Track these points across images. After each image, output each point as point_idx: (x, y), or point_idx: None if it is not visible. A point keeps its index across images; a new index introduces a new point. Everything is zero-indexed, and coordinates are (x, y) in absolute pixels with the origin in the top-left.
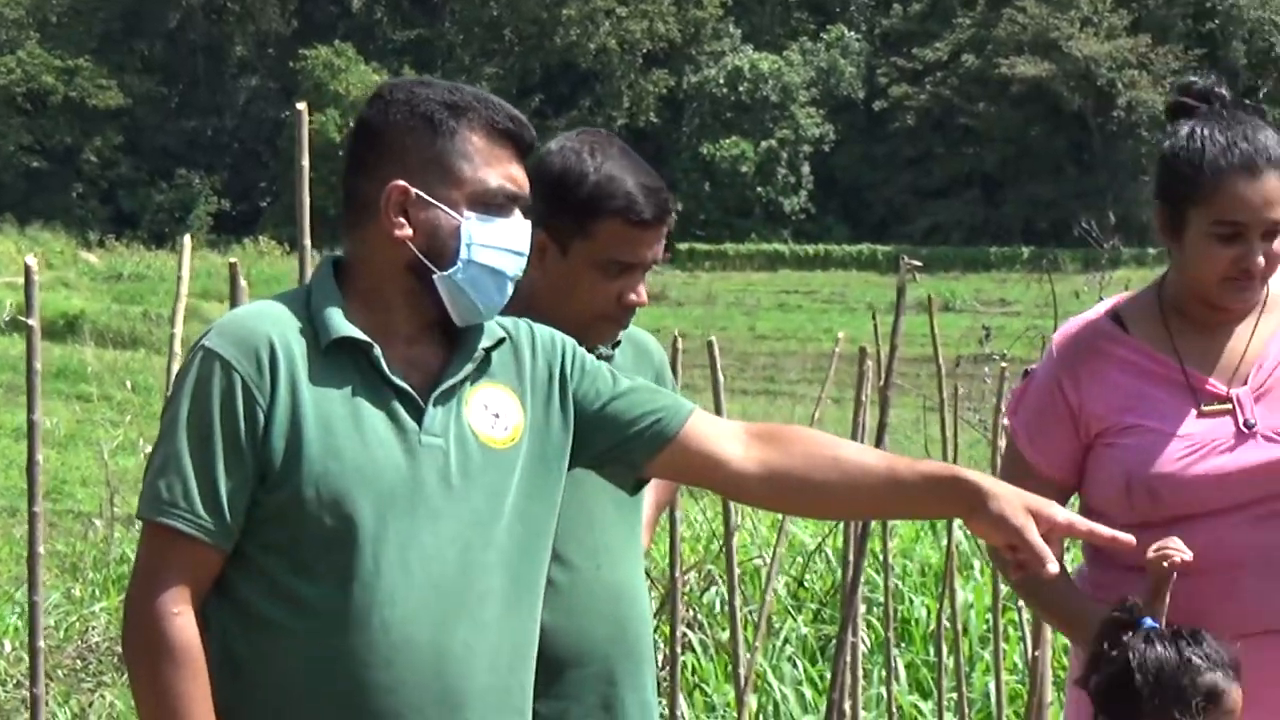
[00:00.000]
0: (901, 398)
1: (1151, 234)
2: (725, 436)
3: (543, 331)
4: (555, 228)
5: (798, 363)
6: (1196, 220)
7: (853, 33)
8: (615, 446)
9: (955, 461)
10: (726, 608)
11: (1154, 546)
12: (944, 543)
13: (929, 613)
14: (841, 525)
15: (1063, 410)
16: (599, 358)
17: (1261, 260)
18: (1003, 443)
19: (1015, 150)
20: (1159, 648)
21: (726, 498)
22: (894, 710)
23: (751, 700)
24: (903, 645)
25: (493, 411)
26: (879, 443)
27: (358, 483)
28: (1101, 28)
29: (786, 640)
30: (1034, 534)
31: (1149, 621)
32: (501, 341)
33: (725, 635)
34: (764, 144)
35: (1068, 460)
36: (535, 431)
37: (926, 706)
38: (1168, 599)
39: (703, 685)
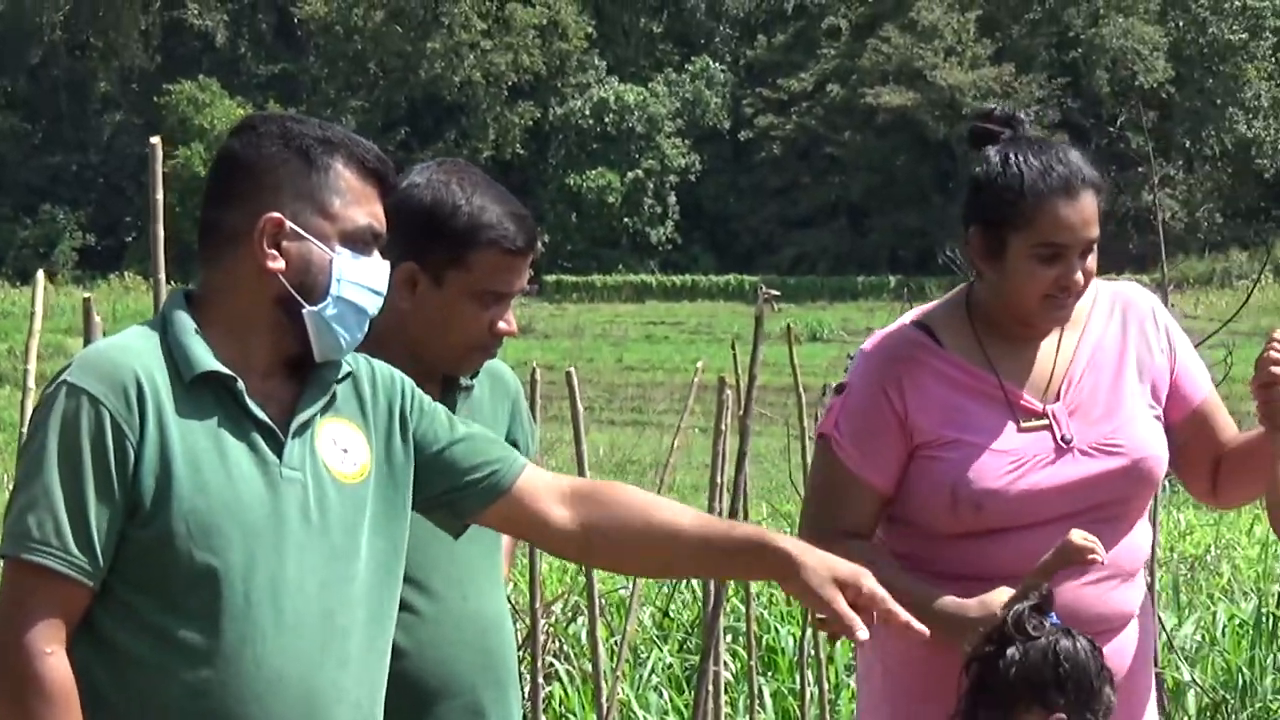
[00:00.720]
0: (769, 427)
1: None
2: (550, 494)
3: (382, 368)
4: (429, 260)
5: (665, 393)
6: (1017, 243)
7: (717, 64)
8: (449, 492)
9: None
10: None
11: (1079, 535)
12: None
13: (794, 641)
14: None
15: (890, 418)
16: (461, 389)
17: (1080, 278)
18: None
19: (881, 179)
20: (1079, 646)
21: (547, 553)
22: None
23: None
24: (769, 674)
25: (341, 446)
26: (739, 470)
27: (226, 518)
28: (965, 57)
29: (653, 670)
30: (842, 604)
31: (1055, 618)
32: (347, 376)
33: (591, 665)
34: (630, 175)
35: (895, 468)
36: (380, 468)
37: None
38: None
39: (569, 715)
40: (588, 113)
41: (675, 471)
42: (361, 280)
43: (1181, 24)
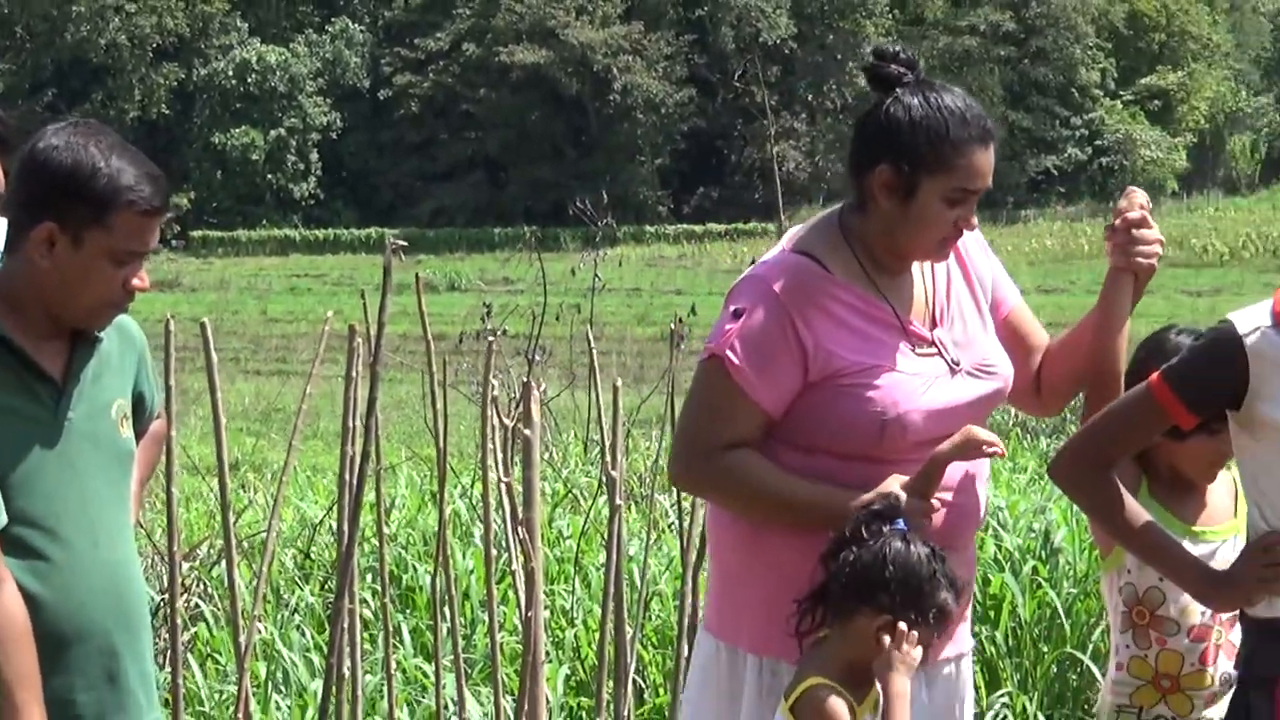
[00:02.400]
0: (410, 375)
1: (647, 212)
2: None
3: None
4: (69, 220)
5: (308, 343)
6: (931, 185)
7: (357, 25)
8: None
9: (446, 434)
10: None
11: (979, 429)
12: (444, 510)
13: (430, 579)
14: (338, 499)
15: (794, 349)
16: (93, 342)
17: (975, 221)
18: (493, 414)
19: (516, 134)
20: (913, 551)
21: None
22: (393, 672)
23: (260, 668)
24: (408, 611)
25: None
26: (370, 414)
27: None
28: (596, 16)
29: (295, 610)
30: None
31: (901, 523)
32: None
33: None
34: (273, 133)
35: (788, 395)
36: None
37: (431, 668)
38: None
39: (214, 655)
40: (231, 73)
41: (320, 418)
42: None
43: None
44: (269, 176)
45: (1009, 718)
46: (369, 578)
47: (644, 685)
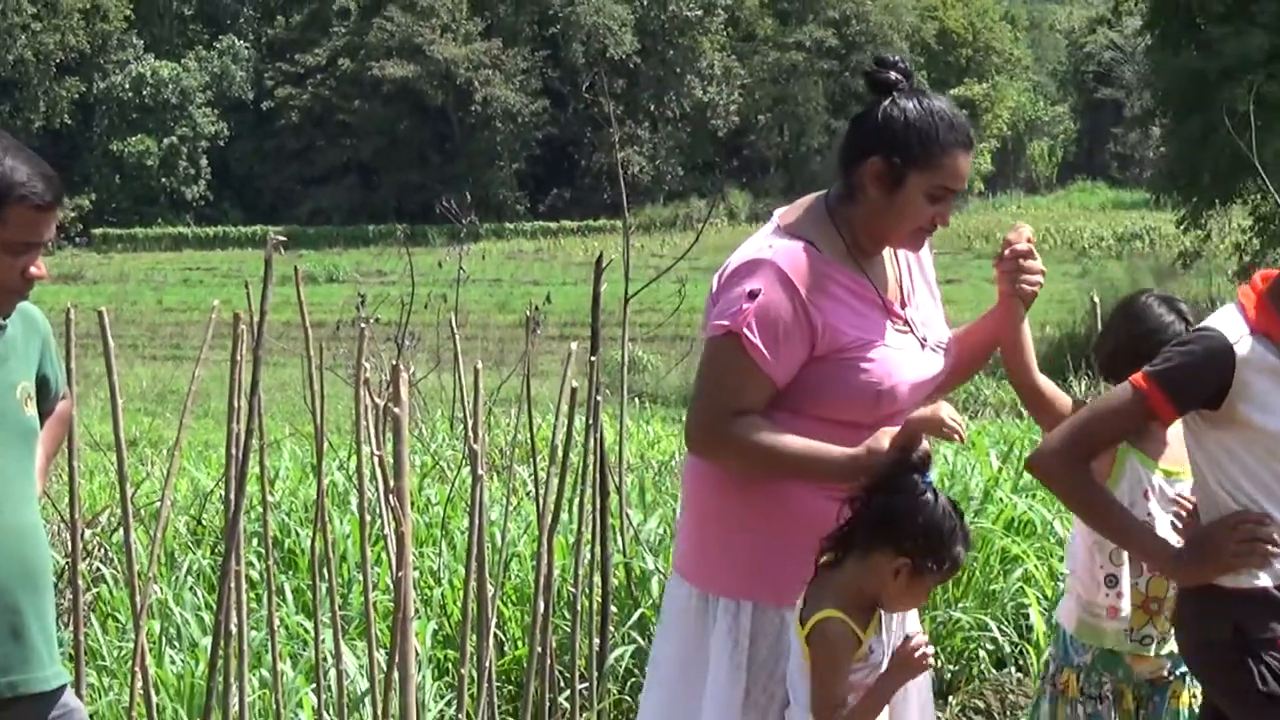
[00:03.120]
0: (291, 359)
1: (507, 211)
2: None
3: None
4: None
5: (200, 331)
6: (917, 181)
7: (242, 41)
8: None
9: (324, 412)
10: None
11: (949, 411)
12: (323, 481)
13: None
14: (225, 471)
15: (805, 329)
16: None
17: (949, 217)
18: (365, 394)
19: (387, 141)
20: (940, 504)
21: None
22: (277, 628)
23: (156, 625)
24: (290, 573)
25: None
26: (253, 395)
27: None
28: (459, 33)
29: (187, 572)
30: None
31: (930, 478)
32: None
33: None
34: (166, 141)
35: (795, 369)
36: None
37: (311, 624)
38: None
39: (115, 614)
40: (128, 86)
41: (210, 399)
42: None
43: (646, 2)
44: (163, 180)
45: None
46: (255, 542)
47: (504, 639)
